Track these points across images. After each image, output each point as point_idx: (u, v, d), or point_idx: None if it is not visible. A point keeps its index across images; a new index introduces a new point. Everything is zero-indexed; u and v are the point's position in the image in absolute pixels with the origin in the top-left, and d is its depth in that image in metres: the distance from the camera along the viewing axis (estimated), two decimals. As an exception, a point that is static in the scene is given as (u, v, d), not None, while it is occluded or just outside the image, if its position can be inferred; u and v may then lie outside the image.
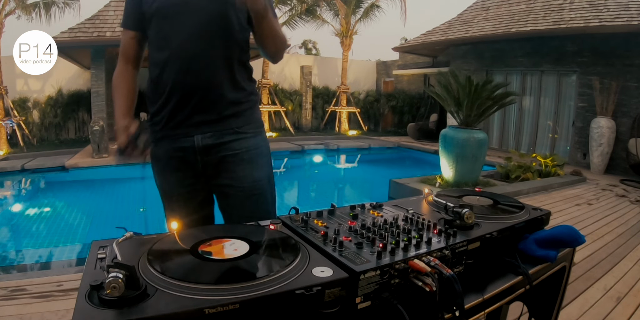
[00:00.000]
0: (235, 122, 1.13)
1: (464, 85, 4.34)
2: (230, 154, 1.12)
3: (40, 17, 7.90)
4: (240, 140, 1.13)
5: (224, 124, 1.11)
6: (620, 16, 5.75)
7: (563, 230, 0.95)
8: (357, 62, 12.43)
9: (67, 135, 9.20)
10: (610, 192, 4.73)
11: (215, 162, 1.12)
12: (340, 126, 10.80)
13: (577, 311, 1.88)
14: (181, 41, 1.05)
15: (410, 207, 0.99)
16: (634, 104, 5.97)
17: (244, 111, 1.14)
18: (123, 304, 0.50)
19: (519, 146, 7.71)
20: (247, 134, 1.15)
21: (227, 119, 1.11)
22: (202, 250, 0.67)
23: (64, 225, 4.04)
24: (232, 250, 0.68)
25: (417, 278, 0.68)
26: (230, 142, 1.12)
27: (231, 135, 1.12)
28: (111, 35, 7.01)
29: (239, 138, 1.13)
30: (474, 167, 4.42)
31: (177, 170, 1.14)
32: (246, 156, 1.14)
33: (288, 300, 0.56)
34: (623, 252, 2.72)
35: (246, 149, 1.14)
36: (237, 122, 1.13)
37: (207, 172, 1.14)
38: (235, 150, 1.12)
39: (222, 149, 1.12)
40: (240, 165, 1.13)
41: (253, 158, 1.15)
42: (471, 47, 8.36)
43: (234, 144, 1.12)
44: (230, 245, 0.70)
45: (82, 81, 9.28)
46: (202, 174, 1.14)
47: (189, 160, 1.12)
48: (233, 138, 1.12)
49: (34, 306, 1.79)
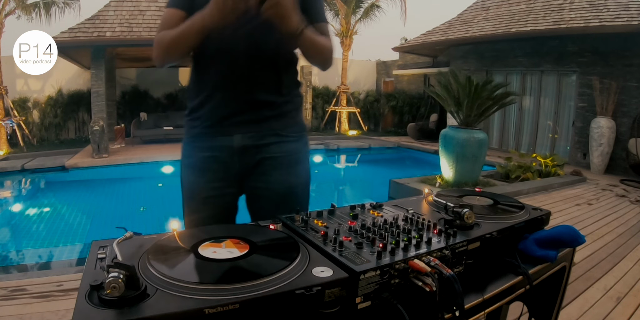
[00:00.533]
0: (277, 124, 1.10)
1: (464, 85, 4.34)
2: (269, 157, 1.09)
3: (40, 17, 7.90)
4: (281, 144, 1.10)
5: (266, 125, 1.08)
6: (620, 16, 5.75)
7: (563, 230, 0.95)
8: (357, 62, 12.43)
9: (67, 135, 9.21)
10: (610, 192, 4.73)
11: (253, 163, 1.09)
12: (340, 126, 10.80)
13: (577, 311, 1.89)
14: (230, 37, 1.01)
15: (410, 207, 0.99)
16: (634, 104, 5.97)
17: (287, 113, 1.11)
18: (123, 304, 0.50)
19: (519, 146, 7.71)
20: (289, 137, 1.12)
21: (269, 120, 1.08)
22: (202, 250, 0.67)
23: (64, 225, 4.04)
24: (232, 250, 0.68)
25: (417, 278, 0.68)
26: (270, 145, 1.09)
27: (272, 137, 1.09)
28: (111, 35, 7.02)
29: (280, 141, 1.10)
30: (474, 167, 4.42)
31: (210, 170, 1.09)
32: (285, 161, 1.10)
33: (288, 300, 0.56)
34: (623, 252, 2.72)
35: (286, 153, 1.11)
36: (279, 124, 1.10)
37: (243, 173, 1.10)
38: (275, 153, 1.09)
39: (261, 151, 1.09)
40: (278, 169, 1.10)
41: (292, 163, 1.12)
42: (471, 47, 8.37)
43: (274, 146, 1.09)
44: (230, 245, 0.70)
45: (82, 81, 9.29)
46: (236, 175, 1.10)
47: (224, 160, 1.08)
48: (274, 140, 1.09)
49: (34, 306, 1.79)
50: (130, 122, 8.64)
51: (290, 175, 1.11)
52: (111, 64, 8.38)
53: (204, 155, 1.09)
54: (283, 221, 0.86)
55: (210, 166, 1.09)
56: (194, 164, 1.11)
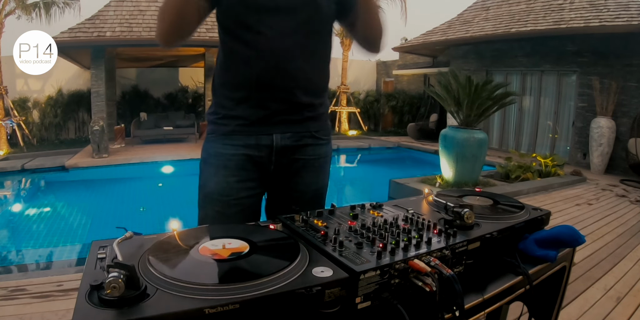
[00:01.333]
0: (314, 125, 1.10)
1: (464, 85, 4.34)
2: (304, 158, 1.09)
3: (40, 17, 7.90)
4: (315, 146, 1.11)
5: (304, 126, 1.08)
6: (620, 16, 5.75)
7: (563, 230, 0.95)
8: (357, 62, 12.42)
9: (67, 135, 9.21)
10: (610, 192, 4.73)
11: (287, 164, 1.08)
12: (340, 126, 10.80)
13: (577, 311, 1.89)
14: (274, 37, 0.98)
15: (410, 207, 0.99)
16: (634, 104, 5.98)
17: (321, 115, 1.12)
18: (123, 304, 0.50)
19: (519, 146, 7.71)
20: (322, 140, 1.13)
21: (307, 122, 1.08)
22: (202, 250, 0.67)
23: (64, 225, 4.04)
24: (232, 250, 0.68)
25: (417, 278, 0.68)
26: (306, 147, 1.09)
27: (309, 138, 1.09)
28: (111, 35, 7.02)
29: (315, 143, 1.11)
30: (474, 167, 4.42)
31: (241, 169, 1.05)
32: (317, 163, 1.12)
33: (288, 300, 0.56)
34: (623, 252, 2.72)
35: (319, 156, 1.12)
36: (315, 125, 1.10)
37: (277, 173, 1.08)
38: (310, 155, 1.10)
39: (298, 152, 1.08)
40: (311, 172, 1.11)
41: (322, 166, 1.14)
42: (471, 47, 8.37)
43: (309, 149, 1.10)
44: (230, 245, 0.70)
45: (82, 81, 9.29)
46: (269, 175, 1.08)
47: (259, 160, 1.05)
48: (310, 142, 1.10)
49: (34, 306, 1.79)
50: (130, 122, 8.64)
51: (319, 177, 1.13)
52: (111, 64, 8.38)
53: (236, 154, 1.05)
54: (283, 221, 0.86)
55: (244, 165, 1.05)
56: (224, 164, 1.05)
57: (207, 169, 1.08)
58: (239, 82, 1.03)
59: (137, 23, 7.38)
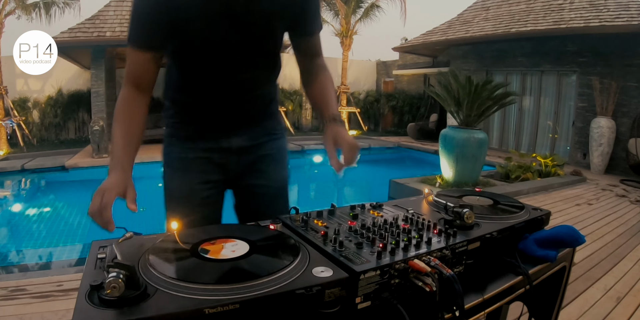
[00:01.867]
0: (269, 124, 1.15)
1: (464, 85, 4.34)
2: (264, 154, 1.14)
3: (40, 17, 7.90)
4: (272, 141, 1.16)
5: (260, 126, 1.13)
6: (620, 16, 5.75)
7: (563, 230, 0.95)
8: (357, 62, 12.42)
9: (67, 135, 9.20)
10: (610, 192, 4.73)
11: (250, 162, 1.12)
12: (340, 126, 10.78)
13: (577, 311, 1.89)
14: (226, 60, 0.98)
15: (410, 207, 0.99)
16: (634, 104, 5.97)
17: (274, 113, 1.18)
18: (123, 304, 0.50)
19: (519, 146, 7.71)
20: (277, 134, 1.18)
21: (262, 122, 1.13)
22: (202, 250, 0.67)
23: (64, 225, 4.04)
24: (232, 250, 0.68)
25: (417, 278, 0.68)
26: (264, 143, 1.14)
27: (265, 136, 1.14)
28: (111, 35, 7.01)
29: (271, 139, 1.16)
30: (474, 167, 4.42)
31: (200, 171, 1.09)
32: (278, 156, 1.17)
33: (288, 300, 0.56)
34: (623, 252, 2.72)
35: (277, 150, 1.17)
36: (271, 123, 1.16)
37: (240, 172, 1.12)
38: (269, 150, 1.14)
39: (257, 149, 1.12)
40: (272, 165, 1.15)
41: (282, 158, 1.18)
42: (471, 47, 8.37)
43: (267, 144, 1.14)
44: (230, 245, 0.70)
45: (82, 81, 9.29)
46: (231, 176, 1.11)
47: (218, 162, 1.09)
48: (267, 139, 1.14)
49: (34, 306, 1.79)
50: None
51: (282, 169, 1.18)
52: (111, 64, 8.38)
53: (196, 157, 1.08)
54: (283, 221, 0.86)
55: (204, 167, 1.09)
56: (184, 167, 1.09)
57: (170, 172, 1.11)
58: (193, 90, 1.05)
59: (137, 23, 7.36)
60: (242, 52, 0.98)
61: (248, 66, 1.01)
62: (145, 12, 0.87)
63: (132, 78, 0.93)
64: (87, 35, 6.98)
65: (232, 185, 1.15)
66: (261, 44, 1.00)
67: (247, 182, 1.13)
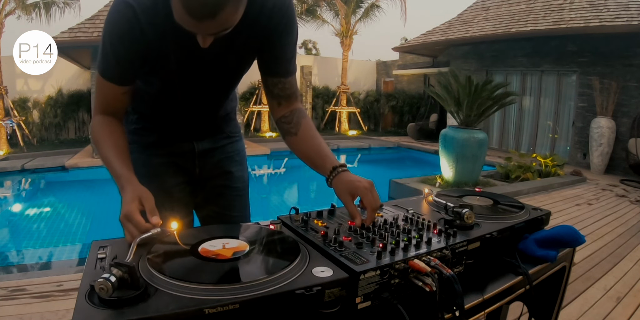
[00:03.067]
0: (227, 127, 1.18)
1: (464, 85, 4.34)
2: (225, 156, 1.17)
3: (40, 17, 7.90)
4: (232, 144, 1.19)
5: (219, 130, 1.16)
6: (620, 16, 5.75)
7: (563, 230, 0.95)
8: (357, 62, 12.42)
9: (67, 135, 9.20)
10: (610, 192, 4.73)
11: (212, 165, 1.15)
12: (340, 126, 10.80)
13: (577, 311, 1.89)
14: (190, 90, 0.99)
15: (410, 207, 0.99)
16: (634, 104, 5.97)
17: (231, 118, 1.20)
18: (123, 304, 0.50)
19: (519, 146, 7.71)
20: (236, 137, 1.21)
21: (221, 126, 1.17)
22: (202, 250, 0.67)
23: (64, 225, 4.04)
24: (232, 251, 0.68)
25: (417, 278, 0.68)
26: (225, 146, 1.17)
27: (225, 139, 1.17)
28: (111, 35, 7.00)
29: (231, 142, 1.19)
30: (474, 167, 4.42)
31: (167, 175, 1.10)
32: (237, 158, 1.20)
33: (288, 300, 0.56)
34: (623, 252, 2.72)
35: (237, 152, 1.20)
36: (229, 127, 1.19)
37: (204, 175, 1.15)
38: (229, 152, 1.18)
39: (218, 152, 1.16)
40: (234, 166, 1.18)
41: (242, 160, 1.22)
42: (471, 47, 8.37)
43: (228, 147, 1.18)
44: (230, 246, 0.70)
45: (82, 81, 9.28)
46: (196, 178, 1.14)
47: (184, 165, 1.12)
48: (227, 142, 1.18)
49: (34, 306, 1.79)
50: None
51: (243, 170, 1.22)
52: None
53: (162, 162, 1.10)
54: (283, 221, 0.86)
55: (173, 172, 1.11)
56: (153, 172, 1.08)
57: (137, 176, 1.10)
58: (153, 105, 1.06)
59: (137, 23, 7.37)
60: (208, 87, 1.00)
61: (212, 93, 1.03)
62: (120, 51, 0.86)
63: (106, 108, 0.92)
64: (87, 35, 6.97)
65: (198, 188, 1.17)
66: (229, 81, 1.03)
67: (212, 184, 1.16)
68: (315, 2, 10.29)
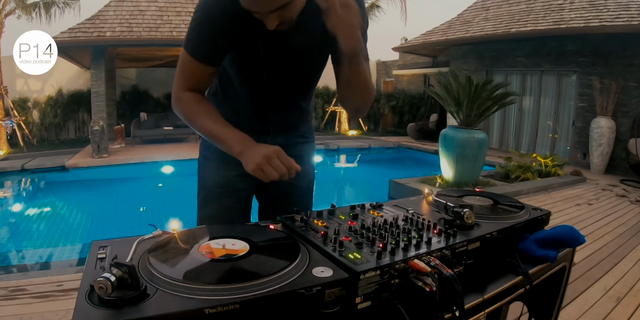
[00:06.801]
0: (302, 127, 1.23)
1: (464, 85, 4.34)
2: (296, 154, 1.16)
3: (40, 17, 7.89)
4: (304, 144, 1.23)
5: (295, 129, 1.20)
6: (620, 16, 5.75)
7: (563, 230, 0.95)
8: (357, 62, 12.40)
9: (67, 135, 9.20)
10: (610, 192, 4.73)
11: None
12: (340, 126, 10.79)
13: (577, 311, 1.89)
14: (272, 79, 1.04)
15: (410, 207, 0.99)
16: (634, 104, 5.97)
17: (307, 120, 1.25)
18: (123, 304, 0.50)
19: (519, 146, 7.71)
20: (308, 138, 1.25)
21: (297, 125, 1.21)
22: (202, 250, 0.67)
23: (64, 225, 4.04)
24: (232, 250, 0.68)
25: (417, 278, 0.68)
26: (297, 144, 1.20)
27: (298, 138, 1.21)
28: (111, 35, 7.01)
29: (304, 141, 1.23)
30: (474, 167, 4.42)
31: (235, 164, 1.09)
32: (307, 158, 1.23)
33: (288, 300, 0.56)
34: (623, 252, 2.72)
35: (308, 152, 1.24)
36: (303, 127, 1.23)
37: None
38: (301, 151, 1.21)
39: (289, 149, 1.14)
40: (303, 165, 1.17)
41: (310, 160, 1.25)
42: (471, 47, 8.36)
43: (300, 146, 1.21)
44: (230, 246, 0.70)
45: (82, 81, 9.29)
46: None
47: None
48: (300, 141, 1.22)
49: (34, 306, 1.79)
50: (130, 122, 8.63)
51: (310, 171, 1.24)
52: (111, 64, 8.38)
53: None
54: (283, 221, 0.86)
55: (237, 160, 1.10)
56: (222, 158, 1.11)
57: (206, 163, 1.17)
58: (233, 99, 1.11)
59: (137, 23, 7.38)
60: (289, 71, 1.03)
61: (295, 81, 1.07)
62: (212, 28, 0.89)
63: (193, 86, 0.98)
64: (87, 35, 6.98)
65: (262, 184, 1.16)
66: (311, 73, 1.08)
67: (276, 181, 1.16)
68: (315, 2, 10.28)
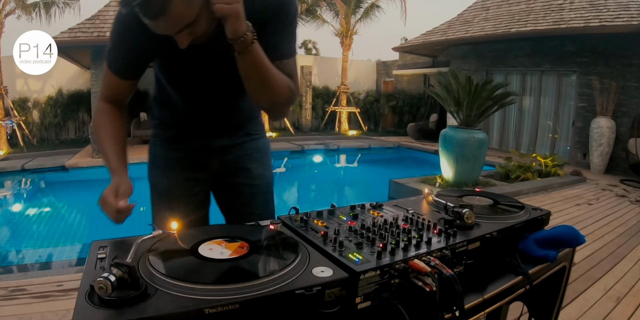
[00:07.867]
0: (248, 126, 1.18)
1: (464, 85, 4.34)
2: (244, 153, 1.17)
3: (40, 17, 7.89)
4: (252, 141, 1.19)
5: (239, 129, 1.16)
6: (620, 16, 5.75)
7: (563, 230, 0.95)
8: (357, 62, 12.42)
9: (67, 135, 9.20)
10: (610, 192, 4.73)
11: (230, 161, 1.15)
12: (340, 126, 10.79)
13: (577, 311, 1.89)
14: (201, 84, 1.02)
15: (410, 207, 0.99)
16: (634, 104, 5.97)
17: (254, 117, 1.20)
18: (123, 304, 0.50)
19: (519, 146, 7.71)
20: (257, 135, 1.21)
21: (241, 124, 1.17)
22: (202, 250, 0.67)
23: (64, 225, 4.04)
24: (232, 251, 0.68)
25: (417, 278, 0.68)
26: (244, 143, 1.17)
27: (244, 136, 1.17)
28: (111, 35, 7.00)
29: (251, 139, 1.19)
30: (474, 167, 4.42)
31: (184, 169, 1.13)
32: (257, 155, 1.19)
33: (288, 300, 0.56)
34: (623, 252, 2.72)
35: (257, 149, 1.20)
36: (249, 125, 1.19)
37: (221, 171, 1.15)
38: (249, 150, 1.17)
39: (236, 149, 1.16)
40: (253, 164, 1.18)
41: (262, 157, 1.21)
42: (471, 47, 8.36)
43: (247, 144, 1.17)
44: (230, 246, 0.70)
45: (82, 81, 9.28)
46: (214, 175, 1.15)
47: (200, 160, 1.13)
48: (246, 139, 1.17)
49: (34, 306, 1.79)
50: (130, 122, 8.63)
51: (264, 168, 1.21)
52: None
53: (178, 156, 1.13)
54: (283, 221, 0.86)
55: (186, 165, 1.13)
56: (168, 165, 1.13)
57: (155, 171, 1.16)
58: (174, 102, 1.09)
59: (137, 23, 7.36)
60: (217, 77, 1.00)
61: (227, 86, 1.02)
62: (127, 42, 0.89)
63: (110, 97, 0.98)
64: (87, 35, 6.97)
65: (217, 184, 1.19)
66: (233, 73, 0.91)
67: (230, 181, 1.17)
68: (315, 2, 10.28)
